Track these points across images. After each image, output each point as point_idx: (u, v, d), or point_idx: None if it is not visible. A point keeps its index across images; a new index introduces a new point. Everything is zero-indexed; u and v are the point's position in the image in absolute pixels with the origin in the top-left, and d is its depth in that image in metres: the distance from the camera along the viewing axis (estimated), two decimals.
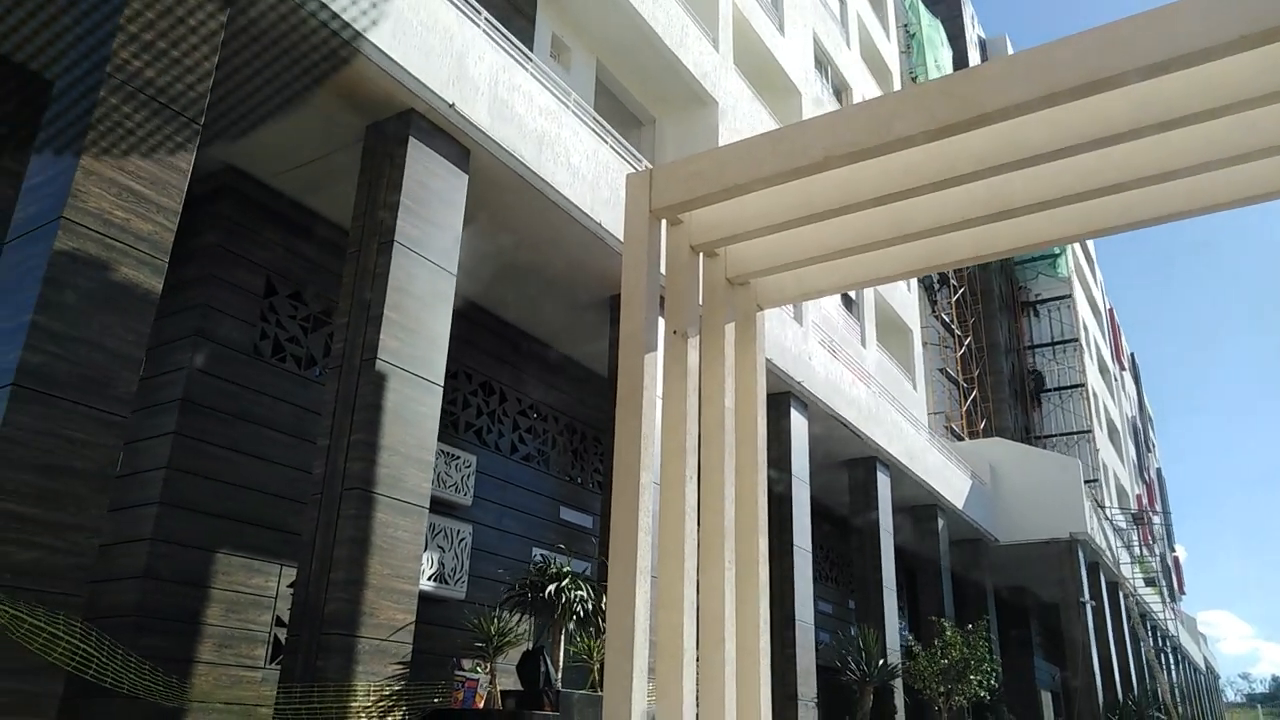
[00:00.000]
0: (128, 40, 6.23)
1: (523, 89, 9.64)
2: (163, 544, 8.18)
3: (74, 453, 5.56)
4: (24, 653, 5.23)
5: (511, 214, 10.17)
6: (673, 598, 7.31)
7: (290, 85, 8.27)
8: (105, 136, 6.04)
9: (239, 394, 9.10)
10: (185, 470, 8.49)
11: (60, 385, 5.55)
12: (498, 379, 12.44)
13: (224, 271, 9.13)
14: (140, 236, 6.10)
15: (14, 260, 5.88)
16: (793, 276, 9.67)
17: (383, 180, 8.42)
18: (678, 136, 17.54)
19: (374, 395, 7.65)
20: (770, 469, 13.98)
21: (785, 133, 8.41)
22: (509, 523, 12.11)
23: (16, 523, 5.25)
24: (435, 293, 8.35)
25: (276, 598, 9.03)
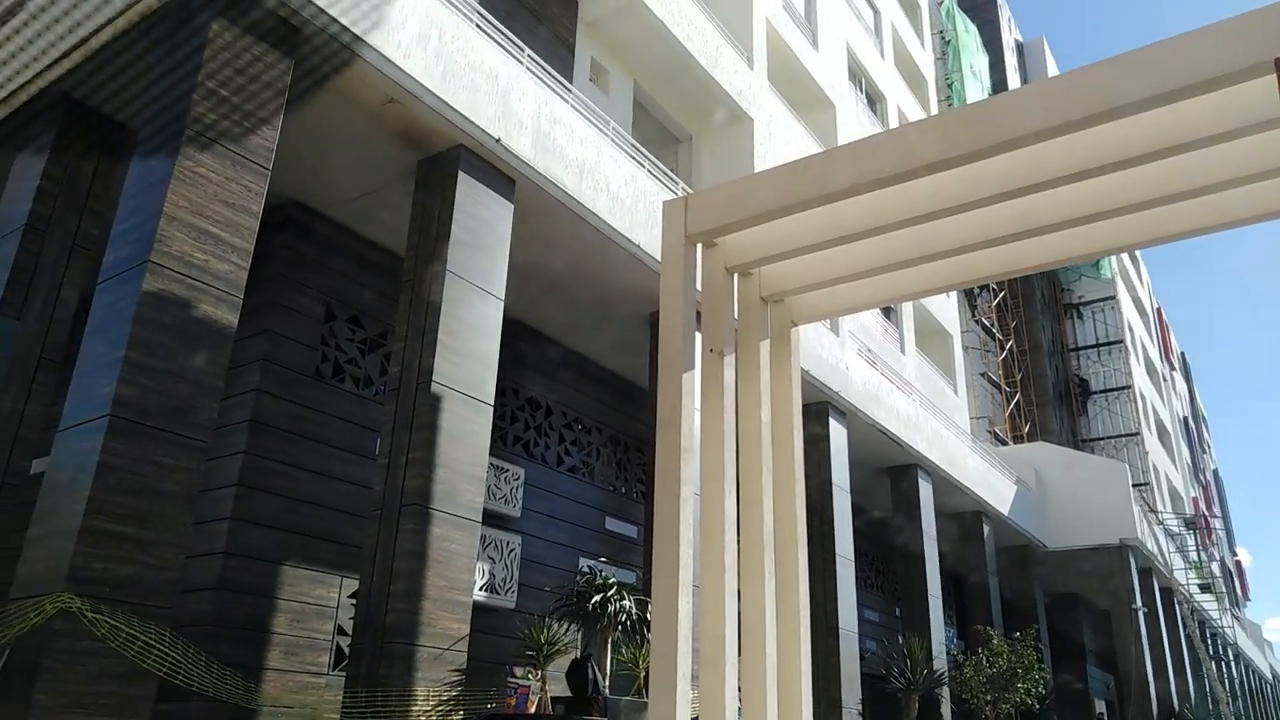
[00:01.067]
0: (205, 95, 6.79)
1: (564, 121, 10.10)
2: (234, 557, 8.74)
3: (163, 476, 6.10)
4: (121, 659, 5.76)
5: (555, 238, 10.61)
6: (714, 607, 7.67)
7: (346, 125, 8.81)
8: (185, 184, 6.59)
9: (302, 414, 9.65)
10: (254, 487, 9.05)
11: (150, 414, 6.09)
12: (543, 394, 12.90)
13: (287, 299, 9.70)
14: (217, 275, 6.64)
15: (106, 300, 6.45)
16: (825, 294, 10.00)
17: (434, 212, 8.92)
18: (714, 153, 17.91)
19: (429, 416, 8.12)
20: (810, 479, 14.27)
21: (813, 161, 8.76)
22: (556, 533, 12.54)
23: (115, 541, 5.79)
24: (485, 317, 8.82)
25: (338, 608, 9.54)
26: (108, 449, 5.83)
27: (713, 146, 17.95)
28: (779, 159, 18.14)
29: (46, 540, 5.86)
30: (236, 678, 7.07)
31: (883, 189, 8.31)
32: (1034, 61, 42.76)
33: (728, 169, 17.60)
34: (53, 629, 5.49)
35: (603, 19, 14.98)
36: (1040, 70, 41.91)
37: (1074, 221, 8.17)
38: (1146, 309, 47.00)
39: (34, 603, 5.60)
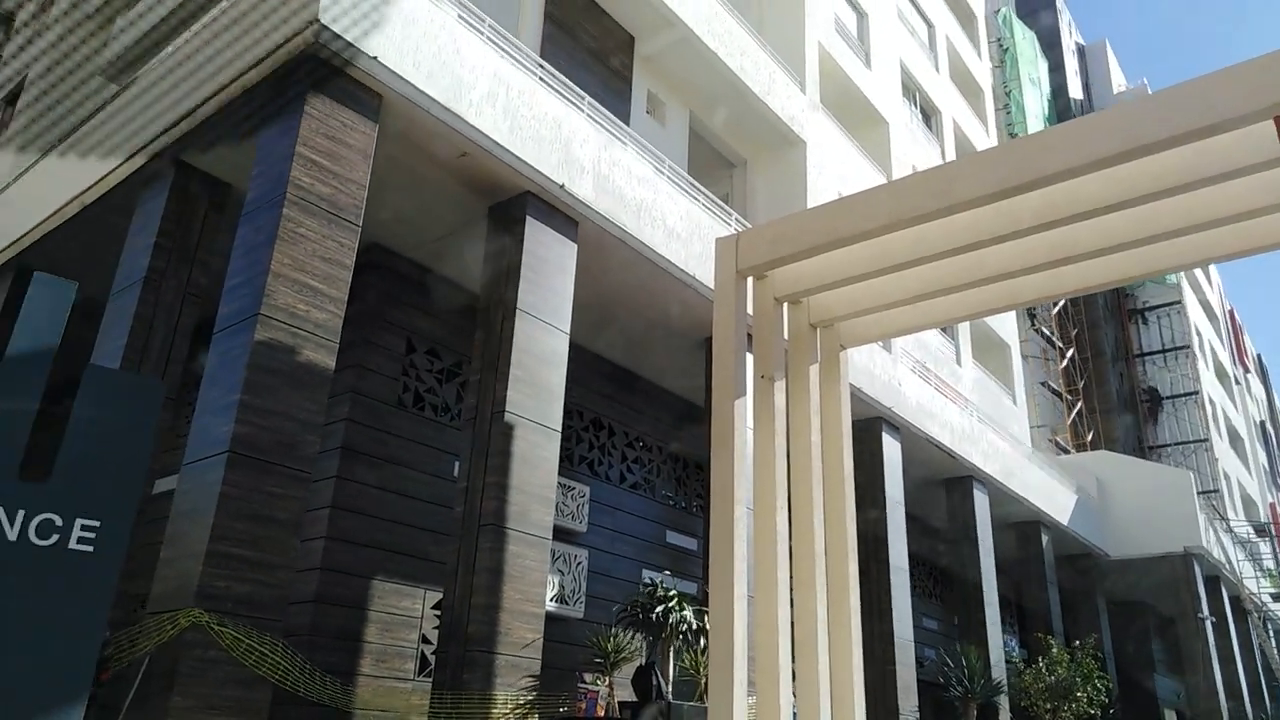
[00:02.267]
0: (303, 161, 7.63)
1: (622, 163, 10.78)
2: (329, 572, 9.59)
3: (274, 504, 6.92)
4: (242, 667, 6.58)
5: (616, 271, 11.29)
6: (768, 618, 8.25)
7: (424, 176, 9.61)
8: (287, 243, 7.43)
9: (386, 440, 10.49)
10: (345, 508, 9.90)
11: (262, 450, 6.92)
12: (607, 415, 13.59)
13: (372, 335, 10.56)
14: (317, 324, 7.46)
15: (222, 349, 7.31)
16: (873, 320, 10.53)
17: (505, 254, 9.67)
18: (768, 176, 18.44)
19: (503, 443, 8.86)
20: (864, 492, 14.68)
21: (855, 199, 9.33)
22: (620, 547, 13.20)
23: (235, 562, 6.62)
24: (552, 351, 9.53)
25: (422, 618, 10.34)
26: (228, 481, 6.67)
27: (767, 169, 18.48)
28: (832, 180, 18.59)
29: (177, 562, 6.71)
30: (335, 683, 7.86)
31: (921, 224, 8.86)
32: (1096, 65, 42.20)
33: (781, 191, 18.12)
34: (186, 640, 6.32)
35: (658, 53, 15.63)
36: (1103, 73, 41.36)
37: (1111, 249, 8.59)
38: (1217, 312, 45.87)
39: (169, 617, 6.45)
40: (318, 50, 7.86)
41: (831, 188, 18.65)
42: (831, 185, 18.67)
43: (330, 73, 8.00)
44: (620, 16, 14.85)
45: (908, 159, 22.83)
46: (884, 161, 21.71)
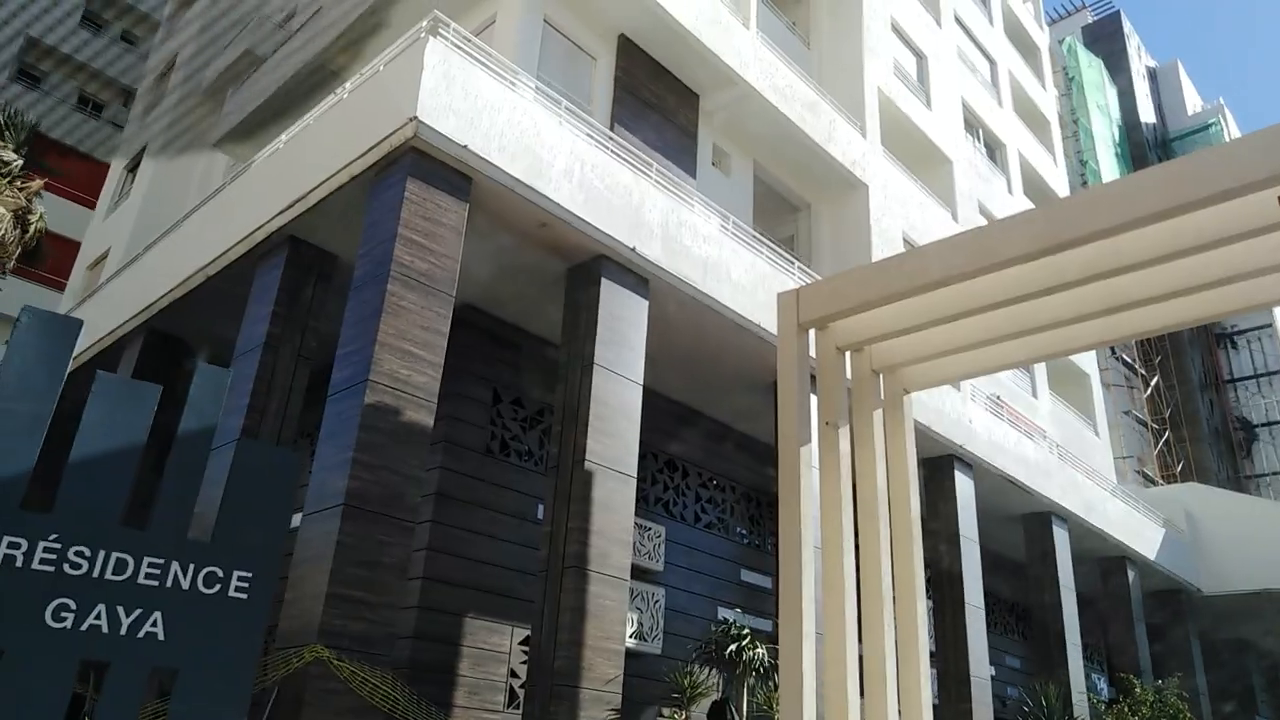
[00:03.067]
0: (405, 241, 8.54)
1: (688, 224, 11.50)
2: (426, 610, 10.40)
3: (383, 550, 7.74)
4: (358, 698, 7.36)
5: (685, 323, 11.97)
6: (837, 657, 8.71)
7: (509, 244, 10.48)
8: (391, 315, 8.33)
9: (475, 485, 11.31)
10: (440, 550, 10.72)
11: (372, 502, 7.76)
12: (681, 457, 14.21)
13: (462, 387, 11.43)
14: (417, 387, 8.32)
15: (336, 411, 8.22)
16: (933, 365, 10.94)
17: (582, 313, 10.45)
18: (832, 218, 18.94)
19: (584, 489, 9.56)
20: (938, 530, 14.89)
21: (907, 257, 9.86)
22: (696, 585, 13.73)
23: (350, 603, 7.44)
24: (627, 402, 10.23)
25: (510, 653, 11.05)
26: (343, 530, 7.51)
27: (831, 212, 18.99)
28: (896, 220, 18.99)
29: (300, 603, 7.57)
30: (438, 713, 8.61)
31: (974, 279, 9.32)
32: (1169, 87, 41.51)
33: (846, 232, 18.60)
34: (310, 673, 7.14)
35: (721, 109, 16.36)
36: (1176, 95, 40.64)
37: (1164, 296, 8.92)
38: None
39: (294, 652, 7.29)
40: (416, 142, 8.80)
41: (896, 227, 19.05)
42: (896, 225, 19.06)
43: (427, 160, 8.94)
44: (684, 76, 15.64)
45: (973, 194, 23.04)
46: (948, 198, 21.98)
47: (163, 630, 4.85)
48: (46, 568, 4.66)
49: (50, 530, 4.73)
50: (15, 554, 4.61)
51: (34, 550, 4.67)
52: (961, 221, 21.96)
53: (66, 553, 4.73)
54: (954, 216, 21.84)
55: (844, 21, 20.42)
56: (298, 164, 10.50)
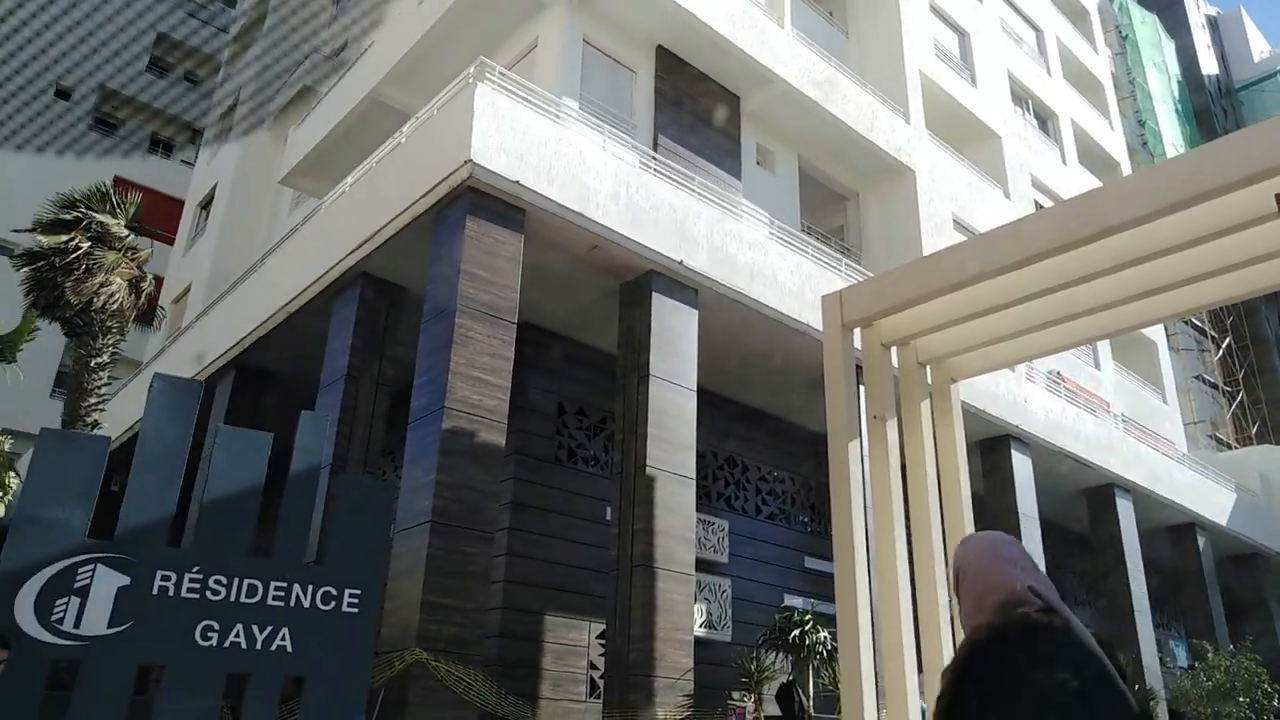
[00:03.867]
0: (468, 277, 9.30)
1: (733, 232, 12.05)
2: (510, 611, 11.22)
3: (468, 560, 8.53)
4: (454, 694, 8.17)
5: (736, 326, 12.52)
6: (894, 640, 9.23)
7: (563, 266, 11.18)
8: (461, 346, 9.10)
9: (547, 493, 12.08)
10: (518, 554, 11.53)
11: (455, 518, 8.55)
12: (740, 453, 14.80)
13: (528, 401, 12.20)
14: (489, 409, 9.09)
15: (417, 437, 9.04)
16: (978, 355, 11.34)
17: (635, 326, 11.11)
18: (880, 205, 19.22)
19: (646, 493, 10.24)
20: (995, 510, 15.16)
21: (944, 255, 10.27)
22: (761, 574, 14.33)
23: (442, 610, 8.24)
24: (681, 409, 10.86)
25: (588, 647, 11.82)
26: (432, 545, 8.32)
27: (878, 200, 19.27)
28: (944, 202, 19.19)
29: (398, 611, 8.40)
30: (525, 706, 9.41)
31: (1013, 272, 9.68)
32: (1231, 33, 40.21)
33: (894, 218, 18.87)
34: (411, 674, 7.97)
35: (762, 108, 16.79)
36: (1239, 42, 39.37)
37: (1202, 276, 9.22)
38: None
39: (396, 655, 8.12)
40: (472, 181, 9.55)
41: (945, 210, 19.23)
42: (945, 207, 19.25)
43: (483, 198, 9.68)
44: (723, 80, 16.11)
45: (1024, 168, 23.00)
46: (998, 175, 22.01)
47: (290, 643, 5.68)
48: (193, 595, 5.52)
49: (193, 563, 5.58)
50: (167, 585, 5.47)
51: (181, 581, 5.53)
52: (1013, 198, 21.98)
53: (208, 582, 5.57)
54: (1005, 193, 21.88)
55: (881, 8, 20.60)
56: (364, 206, 11.36)
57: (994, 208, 20.91)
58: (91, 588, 5.26)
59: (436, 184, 9.83)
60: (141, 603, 5.33)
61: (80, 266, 9.26)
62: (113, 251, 9.71)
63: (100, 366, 9.95)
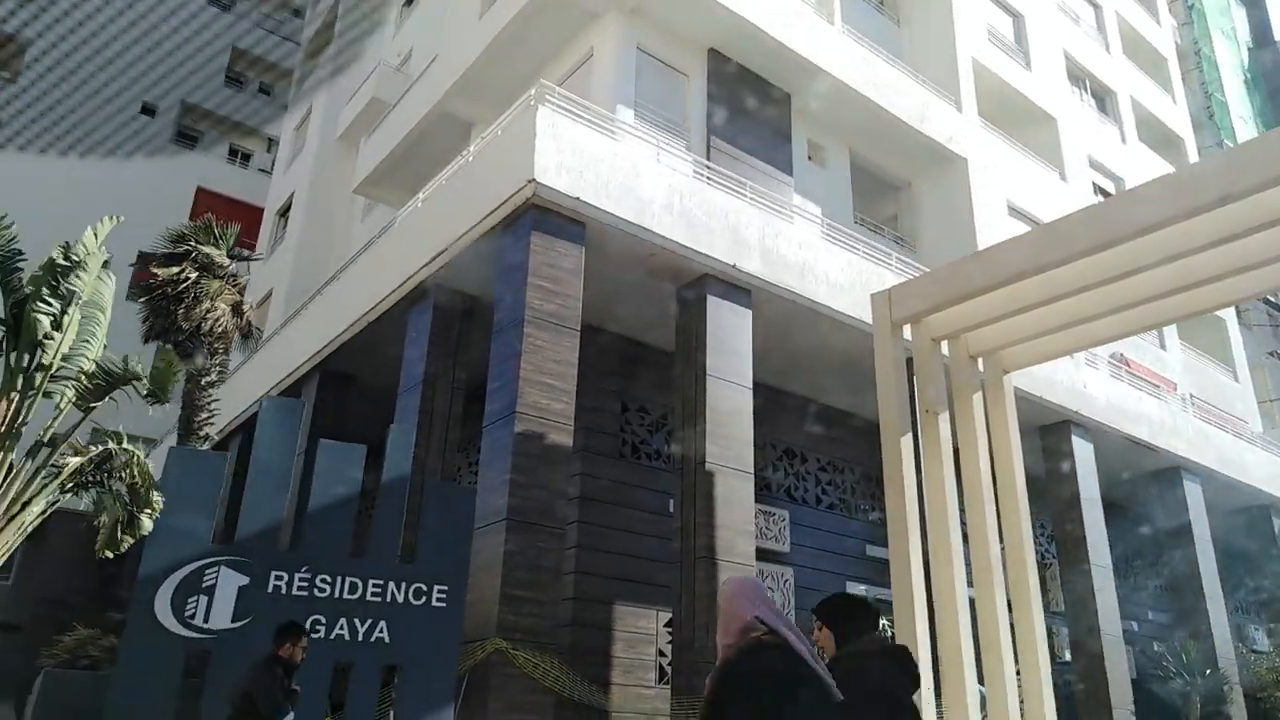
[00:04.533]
0: (534, 289, 9.90)
1: (784, 234, 12.43)
2: (581, 601, 11.85)
3: (541, 555, 9.15)
4: (533, 681, 8.81)
5: (789, 323, 12.91)
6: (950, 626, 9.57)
7: (621, 272, 11.71)
8: (530, 354, 9.71)
9: (613, 488, 12.67)
10: (587, 547, 12.14)
11: (529, 515, 9.18)
12: (799, 445, 15.19)
13: (593, 400, 12.77)
14: (556, 413, 9.69)
15: (492, 439, 9.69)
16: (1031, 347, 11.55)
17: (692, 327, 11.59)
18: (932, 194, 19.30)
19: (707, 488, 10.74)
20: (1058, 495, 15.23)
21: (988, 254, 10.54)
22: (823, 563, 14.72)
23: (519, 602, 8.88)
24: (738, 406, 11.32)
25: (657, 635, 12.39)
26: (509, 541, 8.96)
27: (931, 188, 19.35)
28: (998, 190, 19.19)
29: (478, 604, 9.06)
30: (598, 691, 10.03)
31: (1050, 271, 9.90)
32: None
33: (947, 207, 18.94)
34: (492, 662, 8.63)
35: (813, 104, 17.04)
36: None
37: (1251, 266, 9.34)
38: None
39: (479, 645, 8.79)
40: (535, 199, 10.13)
41: (998, 196, 19.23)
42: (998, 194, 19.24)
43: (546, 214, 10.26)
44: (774, 79, 16.42)
45: (1081, 150, 22.74)
46: (1054, 158, 21.83)
47: (388, 635, 6.37)
48: (302, 593, 6.22)
49: (302, 564, 6.29)
50: (280, 584, 6.18)
51: (292, 580, 6.24)
52: (1069, 180, 21.79)
53: (315, 580, 6.27)
54: (1062, 176, 21.71)
55: None
56: (436, 221, 12.05)
57: (1049, 191, 20.79)
58: (217, 587, 6.00)
59: (502, 202, 10.44)
60: (259, 600, 6.06)
61: (190, 295, 10.15)
62: (216, 280, 10.58)
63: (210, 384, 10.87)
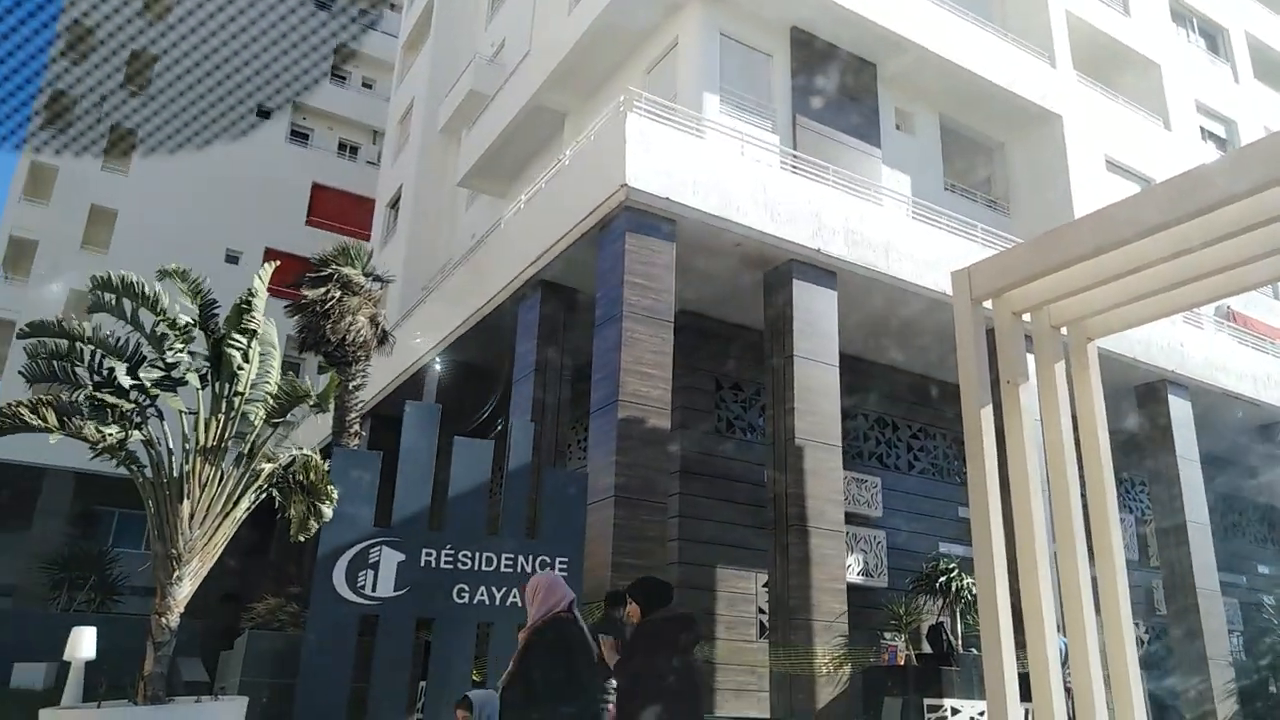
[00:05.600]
0: (630, 286, 10.88)
1: (867, 215, 13.00)
2: (685, 565, 12.94)
3: (645, 527, 10.23)
4: None
5: (875, 299, 13.51)
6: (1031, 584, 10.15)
7: (711, 262, 12.55)
8: (629, 346, 10.71)
9: (711, 460, 13.65)
10: (689, 516, 13.20)
11: (634, 492, 10.26)
12: (890, 413, 15.80)
13: (690, 380, 13.75)
14: (654, 399, 10.69)
15: (598, 425, 10.78)
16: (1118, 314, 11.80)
17: (779, 310, 12.37)
18: (1027, 153, 19.25)
19: (797, 461, 11.59)
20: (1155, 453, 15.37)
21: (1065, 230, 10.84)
22: (916, 525, 15.39)
23: (629, 569, 9.98)
24: (825, 384, 12.08)
25: (756, 594, 13.39)
26: (617, 516, 10.07)
27: (1025, 148, 19.30)
28: (1096, 144, 19.00)
29: (593, 570, 10.21)
30: (705, 647, 11.11)
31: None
32: None
33: (1043, 166, 18.89)
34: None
35: (899, 73, 17.28)
36: None
37: None
38: None
39: (596, 606, 9.96)
40: (629, 202, 11.06)
41: (1096, 152, 19.06)
42: (1096, 149, 19.07)
43: (639, 214, 11.19)
44: (858, 50, 16.72)
45: (1188, 94, 22.08)
46: (1158, 106, 21.32)
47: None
48: (448, 566, 7.45)
49: (447, 542, 7.50)
50: (430, 559, 7.42)
51: (439, 556, 7.47)
52: (1174, 129, 21.26)
53: (458, 555, 7.49)
54: (1165, 124, 21.20)
55: None
56: (537, 224, 13.13)
57: (1152, 142, 20.40)
58: (380, 563, 7.27)
59: (598, 205, 11.41)
60: (414, 572, 7.31)
61: (335, 312, 11.60)
62: (356, 296, 11.99)
63: (356, 388, 12.39)
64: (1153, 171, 19.56)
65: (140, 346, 6.27)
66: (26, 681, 14.18)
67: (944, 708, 10.54)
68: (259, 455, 6.41)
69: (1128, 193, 18.44)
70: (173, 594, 6.01)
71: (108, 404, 5.85)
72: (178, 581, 6.02)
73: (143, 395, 6.04)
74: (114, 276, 6.08)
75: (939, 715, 10.51)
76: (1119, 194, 17.65)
